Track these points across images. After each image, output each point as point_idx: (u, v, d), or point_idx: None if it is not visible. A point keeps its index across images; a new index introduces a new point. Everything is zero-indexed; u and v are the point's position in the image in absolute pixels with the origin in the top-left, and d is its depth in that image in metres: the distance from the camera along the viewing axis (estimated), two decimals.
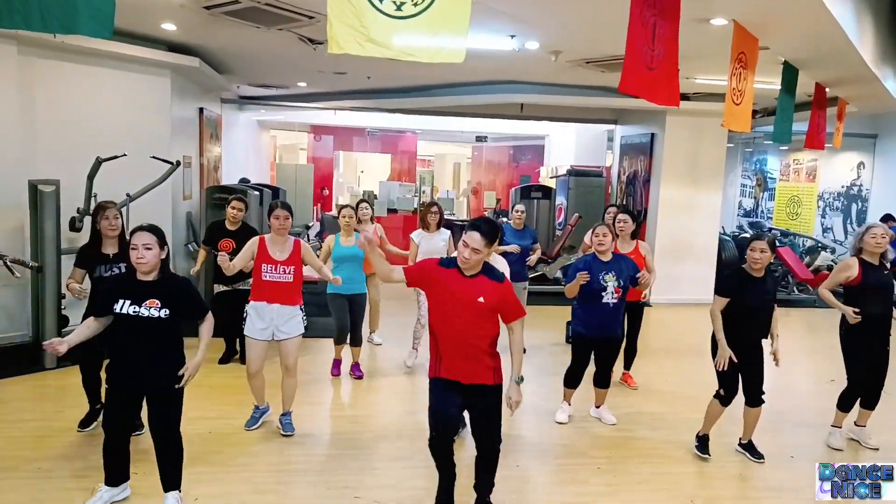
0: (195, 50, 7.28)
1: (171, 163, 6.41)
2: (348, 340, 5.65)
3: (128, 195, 6.13)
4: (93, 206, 5.88)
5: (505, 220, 7.96)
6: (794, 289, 10.37)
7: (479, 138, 18.35)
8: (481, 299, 3.14)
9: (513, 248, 6.01)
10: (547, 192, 11.15)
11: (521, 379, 3.29)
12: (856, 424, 4.68)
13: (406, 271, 3.32)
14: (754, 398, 4.21)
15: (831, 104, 7.28)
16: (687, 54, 4.58)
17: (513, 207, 6.71)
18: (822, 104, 6.90)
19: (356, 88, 10.20)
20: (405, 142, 18.73)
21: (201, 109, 8.85)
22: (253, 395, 4.49)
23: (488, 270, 3.23)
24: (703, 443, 4.36)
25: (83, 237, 4.85)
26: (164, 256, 3.21)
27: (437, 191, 20.48)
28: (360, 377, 5.65)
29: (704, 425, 4.36)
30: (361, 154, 19.85)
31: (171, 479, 3.34)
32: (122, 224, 4.26)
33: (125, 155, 6.01)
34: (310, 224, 8.43)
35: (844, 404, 4.58)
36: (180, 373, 3.21)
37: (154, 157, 6.42)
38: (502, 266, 4.34)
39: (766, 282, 4.15)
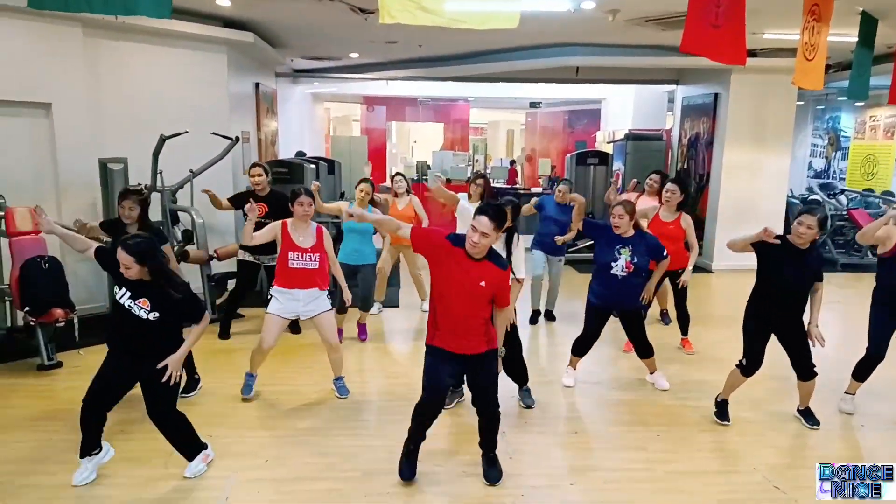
0: (249, 25, 7.38)
1: (230, 138, 6.57)
2: (359, 306, 5.72)
3: (191, 171, 6.33)
4: (160, 182, 6.13)
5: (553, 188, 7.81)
6: (868, 252, 9.87)
7: (533, 104, 18.03)
8: (483, 283, 3.16)
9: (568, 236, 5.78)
10: (604, 158, 10.87)
11: (503, 352, 3.37)
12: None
13: (413, 235, 3.32)
14: (806, 373, 4.11)
15: None
16: (754, 8, 4.33)
17: (564, 179, 6.55)
18: None
19: (407, 57, 10.15)
20: (458, 110, 18.61)
21: (257, 84, 9.00)
22: (250, 365, 4.54)
23: (494, 256, 3.25)
24: (721, 408, 4.29)
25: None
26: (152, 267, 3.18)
27: (490, 159, 20.30)
28: (364, 339, 5.85)
29: (724, 390, 4.29)
30: (414, 124, 19.87)
31: (183, 453, 3.50)
32: (140, 213, 4.49)
33: (187, 132, 6.20)
34: None
35: (859, 373, 4.42)
36: (166, 376, 3.24)
37: (214, 133, 6.59)
38: (519, 258, 4.02)
39: (809, 257, 3.94)
